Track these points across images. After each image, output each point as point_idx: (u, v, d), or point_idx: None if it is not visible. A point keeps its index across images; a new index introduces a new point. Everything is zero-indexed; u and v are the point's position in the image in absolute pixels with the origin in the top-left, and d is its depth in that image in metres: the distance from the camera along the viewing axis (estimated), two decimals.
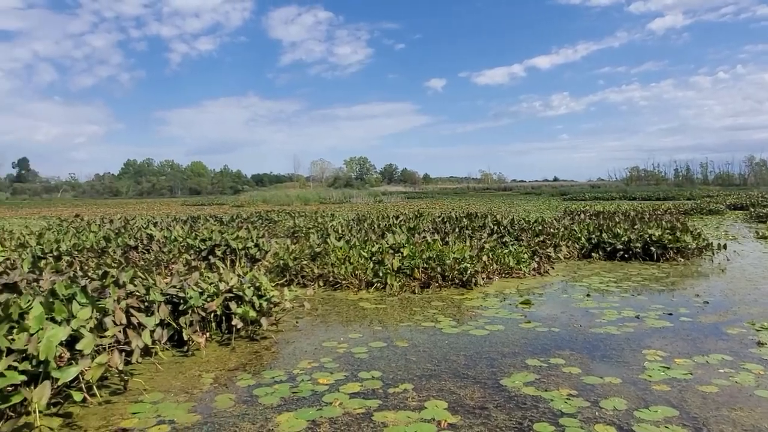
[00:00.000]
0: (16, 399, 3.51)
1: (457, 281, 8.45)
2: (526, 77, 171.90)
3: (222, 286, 5.86)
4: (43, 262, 7.75)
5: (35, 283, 5.29)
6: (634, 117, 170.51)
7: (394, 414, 3.72)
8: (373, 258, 8.96)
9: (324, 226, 14.95)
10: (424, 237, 10.83)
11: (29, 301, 4.29)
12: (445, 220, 15.58)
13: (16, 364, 3.60)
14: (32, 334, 3.80)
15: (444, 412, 3.72)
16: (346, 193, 62.35)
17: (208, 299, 5.66)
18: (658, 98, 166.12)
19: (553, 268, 10.01)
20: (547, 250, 10.85)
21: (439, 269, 8.48)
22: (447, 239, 10.79)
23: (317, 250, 9.92)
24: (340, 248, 9.58)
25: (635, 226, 12.57)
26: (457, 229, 12.81)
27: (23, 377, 3.56)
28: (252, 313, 5.65)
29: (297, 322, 6.40)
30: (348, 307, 7.26)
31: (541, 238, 11.63)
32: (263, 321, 5.71)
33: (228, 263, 8.54)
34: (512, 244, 10.83)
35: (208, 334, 5.46)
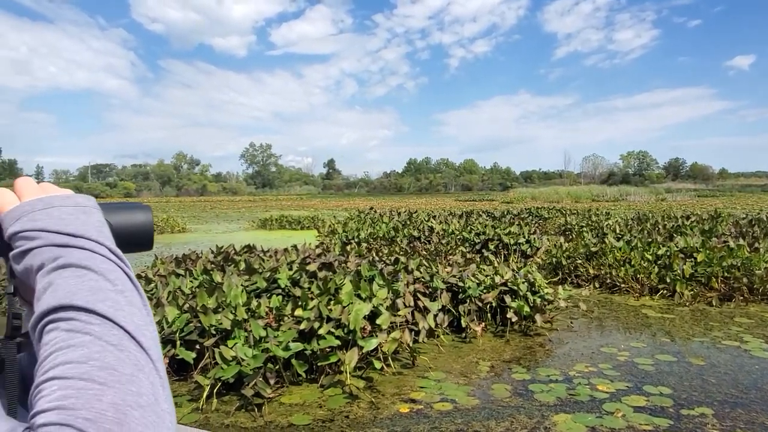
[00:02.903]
0: (332, 359, 4.26)
1: None
2: None
3: (497, 279, 6.05)
4: (349, 246, 9.17)
5: (344, 265, 6.30)
6: None
7: None
8: (659, 262, 8.08)
9: (599, 225, 14.06)
10: (725, 242, 9.27)
11: (342, 279, 5.14)
12: (754, 222, 13.05)
13: (332, 330, 4.36)
14: (344, 307, 4.55)
15: None
16: (622, 190, 57.30)
17: (485, 291, 5.92)
18: None
19: None
20: None
21: (745, 280, 7.19)
22: (756, 245, 9.04)
23: (593, 249, 9.40)
24: (620, 249, 8.89)
25: None
26: None
27: (338, 342, 4.29)
28: (526, 308, 5.69)
29: (572, 323, 6.20)
30: (628, 312, 6.72)
31: None
32: (537, 317, 5.70)
33: (501, 258, 8.75)
34: None
35: (483, 324, 5.70)
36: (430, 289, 5.82)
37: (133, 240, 0.61)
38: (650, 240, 9.33)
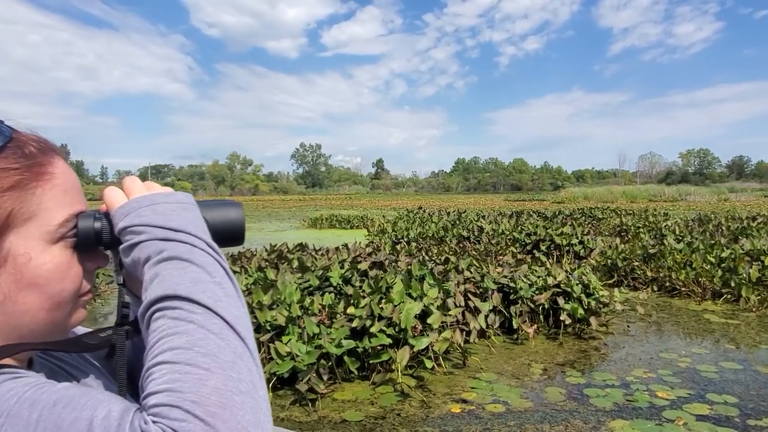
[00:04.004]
0: (384, 357, 4.30)
1: None
2: None
3: (550, 281, 5.94)
4: (399, 246, 9.20)
5: (395, 264, 6.34)
6: None
7: None
8: (723, 265, 7.72)
9: (656, 226, 13.54)
10: None
11: (393, 278, 5.18)
12: None
13: (384, 328, 4.40)
14: (395, 305, 4.58)
15: None
16: (681, 189, 54.86)
17: (537, 292, 5.82)
18: None
19: None
20: None
21: None
22: None
23: (651, 251, 9.07)
24: (680, 251, 8.54)
25: None
26: None
27: (389, 340, 4.33)
28: (580, 311, 5.56)
29: (628, 327, 6.01)
30: (689, 317, 6.45)
31: None
32: (592, 320, 5.57)
33: (554, 259, 8.58)
34: None
35: (536, 325, 5.61)
36: (480, 290, 5.78)
37: (226, 235, 0.65)
38: (713, 242, 8.92)
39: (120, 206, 0.59)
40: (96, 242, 0.59)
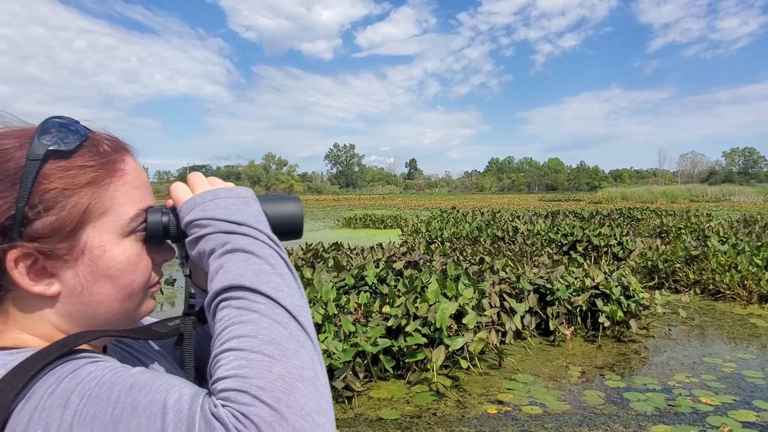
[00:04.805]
0: (419, 356, 4.30)
1: None
2: None
3: (588, 282, 5.83)
4: (433, 245, 9.19)
5: (429, 263, 6.33)
6: None
7: None
8: None
9: (699, 227, 13.12)
10: None
11: (427, 277, 5.18)
12: None
13: (419, 327, 4.41)
14: (431, 305, 4.59)
15: None
16: (724, 189, 52.94)
17: (574, 293, 5.73)
18: None
19: None
20: None
21: None
22: None
23: (693, 253, 8.81)
24: (724, 253, 8.27)
25: None
26: None
27: (424, 339, 4.33)
28: (620, 313, 5.45)
29: (670, 330, 5.86)
30: (734, 321, 6.24)
31: None
32: (632, 323, 5.44)
33: (592, 260, 8.42)
34: None
35: (573, 327, 5.52)
36: (516, 290, 5.72)
37: (285, 228, 0.67)
38: (759, 243, 8.59)
39: (186, 201, 0.62)
40: (164, 236, 0.63)
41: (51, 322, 0.58)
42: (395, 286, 5.09)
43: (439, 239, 10.93)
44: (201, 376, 0.69)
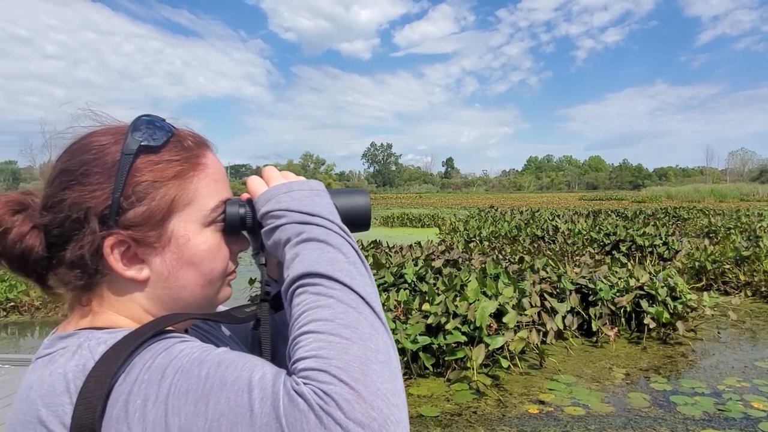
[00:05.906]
0: (459, 354, 4.30)
1: None
2: None
3: (632, 283, 5.70)
4: (472, 244, 9.14)
5: (468, 262, 6.31)
6: None
7: None
8: None
9: (750, 227, 12.61)
10: None
11: (467, 276, 5.17)
12: None
13: (459, 326, 4.40)
14: (470, 303, 4.57)
15: None
16: None
17: (618, 294, 5.61)
18: None
19: None
20: None
21: None
22: None
23: (744, 253, 8.48)
24: None
25: None
26: None
27: (464, 338, 4.33)
28: (666, 315, 5.31)
29: (719, 333, 5.67)
30: None
31: None
32: (678, 325, 5.29)
33: (635, 260, 8.21)
34: None
35: (617, 328, 5.41)
36: (557, 290, 5.64)
37: (354, 220, 0.69)
38: None
39: (261, 193, 0.66)
40: (240, 226, 0.67)
41: (140, 304, 0.63)
42: (434, 284, 5.10)
43: (478, 238, 10.85)
44: (273, 358, 0.73)
